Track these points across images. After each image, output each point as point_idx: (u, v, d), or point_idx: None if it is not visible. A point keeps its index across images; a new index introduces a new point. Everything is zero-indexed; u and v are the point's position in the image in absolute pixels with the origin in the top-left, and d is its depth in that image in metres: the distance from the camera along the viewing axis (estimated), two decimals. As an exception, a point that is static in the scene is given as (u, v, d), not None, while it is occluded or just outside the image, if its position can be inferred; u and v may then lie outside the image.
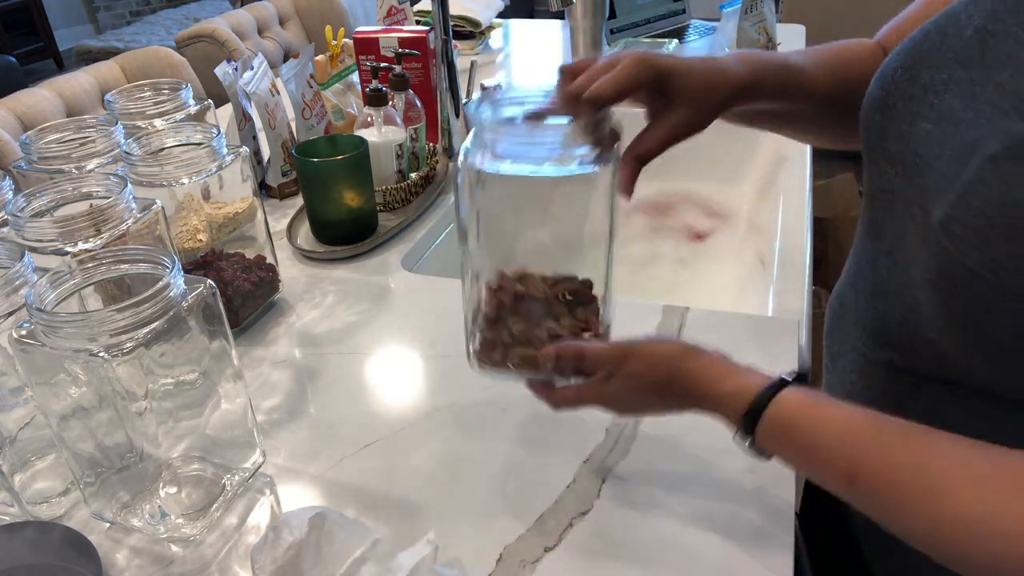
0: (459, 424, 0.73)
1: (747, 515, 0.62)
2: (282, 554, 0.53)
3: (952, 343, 0.51)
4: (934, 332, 0.52)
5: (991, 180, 0.43)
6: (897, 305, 0.57)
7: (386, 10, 1.54)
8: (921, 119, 0.51)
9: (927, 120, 0.51)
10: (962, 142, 0.46)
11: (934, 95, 0.51)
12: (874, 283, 0.61)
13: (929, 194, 0.49)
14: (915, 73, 0.53)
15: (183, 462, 0.68)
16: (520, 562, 0.59)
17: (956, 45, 0.51)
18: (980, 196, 0.44)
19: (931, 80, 0.52)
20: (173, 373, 0.62)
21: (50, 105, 1.50)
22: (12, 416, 0.65)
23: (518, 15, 2.27)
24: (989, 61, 0.47)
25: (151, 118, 0.94)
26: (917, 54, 0.54)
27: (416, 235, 1.08)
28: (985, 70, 0.47)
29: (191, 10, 4.63)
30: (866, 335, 0.63)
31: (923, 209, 0.49)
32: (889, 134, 0.55)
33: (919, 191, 0.50)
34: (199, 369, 0.64)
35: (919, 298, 0.52)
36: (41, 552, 0.59)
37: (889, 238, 0.57)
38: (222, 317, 0.63)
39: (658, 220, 1.45)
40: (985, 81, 0.47)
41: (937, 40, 0.53)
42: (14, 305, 0.60)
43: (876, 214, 0.59)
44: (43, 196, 0.71)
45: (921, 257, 0.51)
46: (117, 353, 0.54)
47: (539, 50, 1.90)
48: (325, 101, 1.27)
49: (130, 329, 0.55)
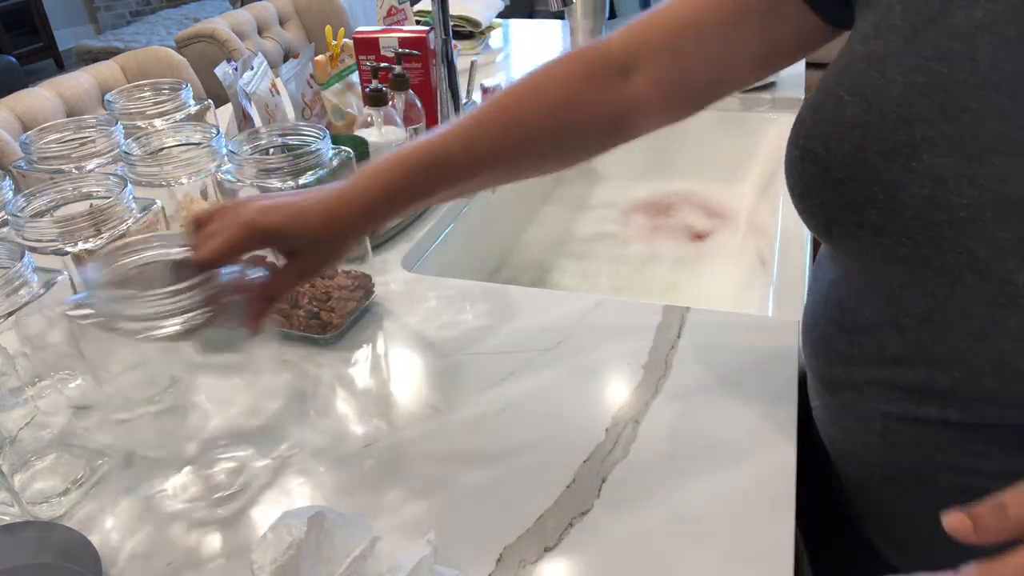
0: (458, 424, 0.73)
1: (747, 516, 0.62)
2: (281, 554, 0.53)
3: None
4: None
5: None
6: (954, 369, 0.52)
7: (386, 10, 1.54)
8: (909, 185, 0.47)
9: (916, 186, 0.47)
10: (1006, 198, 0.43)
11: (905, 159, 0.47)
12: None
13: (980, 258, 0.45)
14: (862, 143, 0.49)
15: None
16: (520, 562, 0.59)
17: (890, 106, 0.47)
18: None
19: (889, 147, 0.47)
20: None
21: (50, 105, 1.50)
22: (12, 416, 0.65)
23: (518, 15, 2.27)
24: (957, 112, 0.45)
25: (151, 118, 0.94)
26: (846, 124, 0.50)
27: (416, 235, 1.08)
28: (957, 125, 0.45)
29: (191, 10, 4.63)
30: (896, 397, 0.57)
31: (978, 273, 0.46)
32: (860, 205, 0.50)
33: (963, 256, 0.46)
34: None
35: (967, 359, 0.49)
36: (41, 552, 0.59)
37: (923, 307, 0.51)
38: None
39: (658, 220, 1.45)
40: (974, 134, 0.44)
41: (862, 107, 0.49)
42: (14, 305, 0.60)
43: (878, 279, 0.54)
44: (43, 196, 0.71)
45: (983, 316, 0.47)
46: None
47: (539, 50, 1.90)
48: (325, 101, 1.27)
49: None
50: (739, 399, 0.73)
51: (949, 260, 0.47)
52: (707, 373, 0.77)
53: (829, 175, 0.51)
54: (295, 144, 0.82)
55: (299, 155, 0.78)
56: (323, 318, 0.85)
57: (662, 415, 0.72)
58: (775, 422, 0.70)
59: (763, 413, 0.71)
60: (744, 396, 0.74)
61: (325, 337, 0.86)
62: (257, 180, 0.78)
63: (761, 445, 0.68)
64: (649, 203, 1.50)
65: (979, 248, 0.45)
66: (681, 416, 0.72)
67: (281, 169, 0.77)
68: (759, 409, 0.72)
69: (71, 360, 0.67)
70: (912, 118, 0.47)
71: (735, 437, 0.69)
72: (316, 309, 0.85)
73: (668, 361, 0.79)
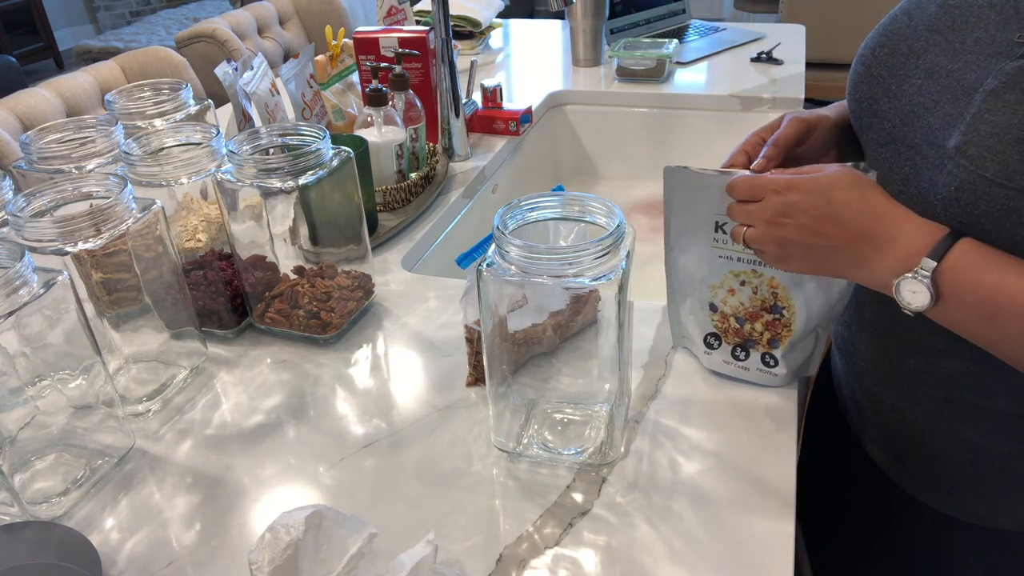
0: (459, 424, 0.73)
1: (747, 515, 0.62)
2: (279, 554, 0.53)
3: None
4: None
5: (996, 108, 0.54)
6: None
7: (386, 10, 1.54)
8: (909, 78, 0.63)
9: (916, 77, 0.63)
10: (959, 85, 0.58)
11: (916, 58, 0.63)
12: None
13: (935, 131, 0.60)
14: (892, 47, 0.66)
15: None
16: (520, 562, 0.59)
17: (924, 19, 0.63)
18: (988, 122, 0.55)
19: (910, 48, 0.64)
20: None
21: (50, 105, 1.50)
22: (12, 416, 0.65)
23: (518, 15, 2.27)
24: (959, 25, 0.60)
25: (151, 118, 0.94)
26: (889, 33, 0.67)
27: (416, 235, 1.08)
28: (958, 32, 0.60)
29: (191, 10, 4.63)
30: None
31: (932, 143, 0.60)
32: (878, 96, 0.67)
33: (924, 132, 0.61)
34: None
35: (939, 219, 0.59)
36: (41, 552, 0.59)
37: (897, 181, 0.65)
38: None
39: (658, 220, 1.45)
40: (963, 39, 0.59)
41: (904, 20, 0.65)
42: (14, 305, 0.60)
43: (881, 165, 0.67)
44: (43, 196, 0.71)
45: (940, 182, 0.59)
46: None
47: (539, 50, 1.90)
48: (325, 101, 1.27)
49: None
50: (739, 400, 0.73)
51: (917, 135, 0.62)
52: (707, 373, 0.77)
53: (870, 72, 0.68)
54: (295, 144, 0.82)
55: (299, 155, 0.78)
56: (323, 318, 0.85)
57: (662, 415, 0.72)
58: (776, 421, 0.70)
59: (764, 413, 0.71)
60: (744, 397, 0.74)
61: (325, 337, 0.86)
62: (257, 180, 0.78)
63: (762, 445, 0.68)
64: (649, 203, 1.50)
65: (935, 122, 0.60)
66: (681, 416, 0.72)
67: (281, 169, 0.77)
68: (759, 409, 0.72)
69: (71, 360, 0.67)
70: (933, 28, 0.62)
71: (735, 437, 0.69)
72: (316, 309, 0.85)
73: (668, 361, 0.79)
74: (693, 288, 0.74)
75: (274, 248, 0.84)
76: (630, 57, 1.59)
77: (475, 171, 1.26)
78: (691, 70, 1.65)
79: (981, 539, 0.71)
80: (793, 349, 0.72)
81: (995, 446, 0.67)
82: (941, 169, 0.59)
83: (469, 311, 0.74)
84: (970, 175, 0.56)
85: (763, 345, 0.72)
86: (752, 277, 0.71)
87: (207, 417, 0.77)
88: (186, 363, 0.82)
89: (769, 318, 0.71)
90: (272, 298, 0.86)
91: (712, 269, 0.72)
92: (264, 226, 0.82)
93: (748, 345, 0.73)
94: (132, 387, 0.78)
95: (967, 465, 0.69)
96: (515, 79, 1.72)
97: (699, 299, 0.74)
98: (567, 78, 1.68)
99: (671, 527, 0.61)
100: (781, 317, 0.71)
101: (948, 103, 0.59)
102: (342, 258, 0.89)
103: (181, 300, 0.80)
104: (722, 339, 0.74)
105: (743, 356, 0.74)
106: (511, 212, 0.62)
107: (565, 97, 1.61)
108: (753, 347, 0.73)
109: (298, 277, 0.87)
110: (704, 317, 0.75)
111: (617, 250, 0.60)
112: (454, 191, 1.20)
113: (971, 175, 0.55)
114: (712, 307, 0.74)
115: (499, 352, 0.66)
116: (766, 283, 0.70)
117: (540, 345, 0.70)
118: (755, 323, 0.72)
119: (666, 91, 1.55)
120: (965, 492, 0.70)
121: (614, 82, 1.61)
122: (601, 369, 0.68)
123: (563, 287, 0.59)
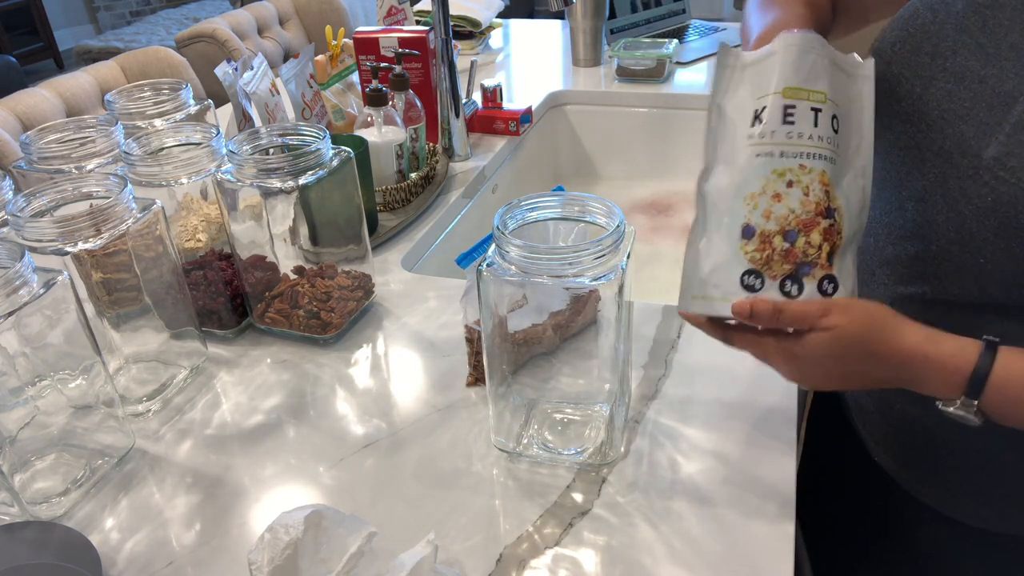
0: (458, 424, 0.73)
1: (747, 515, 0.62)
2: (279, 554, 0.53)
3: (1004, 263, 0.57)
4: (985, 256, 0.58)
5: None
6: (932, 243, 0.63)
7: (386, 10, 1.54)
8: (936, 80, 0.61)
9: (944, 81, 0.60)
10: (995, 93, 0.56)
11: (942, 60, 0.60)
12: (901, 227, 0.66)
13: (968, 140, 0.58)
14: (915, 45, 0.62)
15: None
16: (520, 562, 0.59)
17: (950, 18, 0.60)
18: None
19: (935, 48, 0.61)
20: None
21: (50, 105, 1.50)
22: (12, 416, 0.65)
23: (518, 15, 2.28)
24: (992, 28, 0.57)
25: (151, 118, 0.94)
26: (912, 29, 0.63)
27: (416, 235, 1.08)
28: (990, 36, 0.57)
29: (191, 10, 4.63)
30: (895, 274, 0.68)
31: (965, 152, 0.58)
32: (900, 96, 0.63)
33: (955, 140, 0.59)
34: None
35: (971, 229, 0.58)
36: (41, 552, 0.59)
37: (917, 187, 0.63)
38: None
39: (658, 220, 1.45)
40: (996, 44, 0.57)
41: (928, 16, 0.62)
42: (14, 305, 0.60)
43: (897, 169, 0.65)
44: (43, 196, 0.71)
45: (973, 192, 0.57)
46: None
47: (539, 50, 1.90)
48: (325, 101, 1.27)
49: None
50: (739, 400, 0.73)
51: (947, 143, 0.59)
52: (707, 373, 0.77)
53: (890, 69, 0.64)
54: (295, 144, 0.82)
55: (299, 155, 0.78)
56: (323, 318, 0.85)
57: (662, 415, 0.72)
58: (775, 424, 0.70)
59: (764, 414, 0.71)
60: (744, 397, 0.74)
61: (325, 337, 0.86)
62: (257, 180, 0.78)
63: (762, 446, 0.68)
64: (649, 203, 1.50)
65: (968, 131, 0.57)
66: (681, 416, 0.72)
67: (281, 169, 0.77)
68: (759, 410, 0.72)
69: (71, 360, 0.67)
70: (961, 28, 0.59)
71: (735, 438, 0.69)
72: (316, 309, 0.85)
73: (668, 361, 0.79)
74: (724, 211, 0.58)
75: (274, 248, 0.84)
76: (630, 57, 1.59)
77: (475, 171, 1.26)
78: (691, 70, 1.65)
79: (984, 542, 0.71)
80: (844, 262, 0.58)
81: (1007, 452, 0.66)
82: (975, 179, 0.57)
83: (469, 311, 0.74)
84: (1010, 188, 0.54)
85: (822, 264, 0.57)
86: (801, 174, 0.56)
87: (207, 417, 0.77)
88: (186, 363, 0.82)
89: (826, 224, 0.56)
90: (272, 298, 0.86)
91: (749, 174, 0.57)
92: (264, 226, 0.82)
93: (801, 272, 0.57)
94: (132, 387, 0.78)
95: (977, 470, 0.68)
96: (515, 79, 1.72)
97: (729, 228, 0.58)
98: (567, 78, 1.68)
99: (671, 527, 0.61)
100: (834, 222, 0.57)
101: (983, 111, 0.57)
102: (342, 258, 0.89)
103: (181, 300, 0.80)
104: (764, 275, 0.57)
105: (795, 291, 0.57)
106: (511, 212, 0.62)
107: (565, 97, 1.61)
108: (807, 273, 0.57)
109: (298, 277, 0.87)
110: (735, 252, 0.58)
111: (617, 250, 0.60)
112: (454, 191, 1.20)
113: (1011, 188, 0.54)
114: (747, 232, 0.57)
115: (499, 352, 0.66)
116: (817, 179, 0.56)
117: (540, 345, 0.70)
118: (811, 234, 0.56)
119: (666, 91, 1.55)
120: (973, 497, 0.70)
121: (614, 82, 1.61)
122: (601, 369, 0.68)
123: (563, 287, 0.59)
